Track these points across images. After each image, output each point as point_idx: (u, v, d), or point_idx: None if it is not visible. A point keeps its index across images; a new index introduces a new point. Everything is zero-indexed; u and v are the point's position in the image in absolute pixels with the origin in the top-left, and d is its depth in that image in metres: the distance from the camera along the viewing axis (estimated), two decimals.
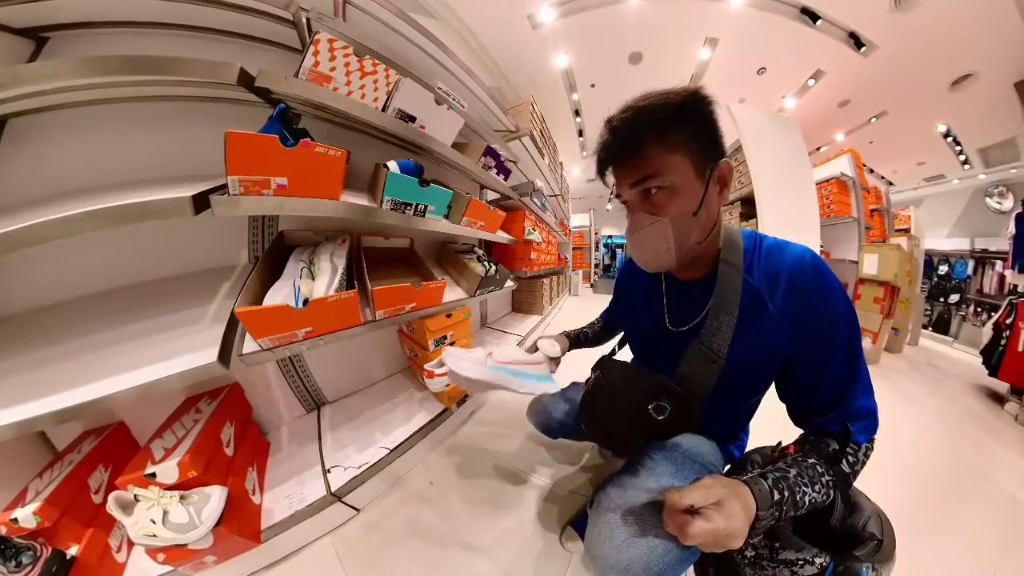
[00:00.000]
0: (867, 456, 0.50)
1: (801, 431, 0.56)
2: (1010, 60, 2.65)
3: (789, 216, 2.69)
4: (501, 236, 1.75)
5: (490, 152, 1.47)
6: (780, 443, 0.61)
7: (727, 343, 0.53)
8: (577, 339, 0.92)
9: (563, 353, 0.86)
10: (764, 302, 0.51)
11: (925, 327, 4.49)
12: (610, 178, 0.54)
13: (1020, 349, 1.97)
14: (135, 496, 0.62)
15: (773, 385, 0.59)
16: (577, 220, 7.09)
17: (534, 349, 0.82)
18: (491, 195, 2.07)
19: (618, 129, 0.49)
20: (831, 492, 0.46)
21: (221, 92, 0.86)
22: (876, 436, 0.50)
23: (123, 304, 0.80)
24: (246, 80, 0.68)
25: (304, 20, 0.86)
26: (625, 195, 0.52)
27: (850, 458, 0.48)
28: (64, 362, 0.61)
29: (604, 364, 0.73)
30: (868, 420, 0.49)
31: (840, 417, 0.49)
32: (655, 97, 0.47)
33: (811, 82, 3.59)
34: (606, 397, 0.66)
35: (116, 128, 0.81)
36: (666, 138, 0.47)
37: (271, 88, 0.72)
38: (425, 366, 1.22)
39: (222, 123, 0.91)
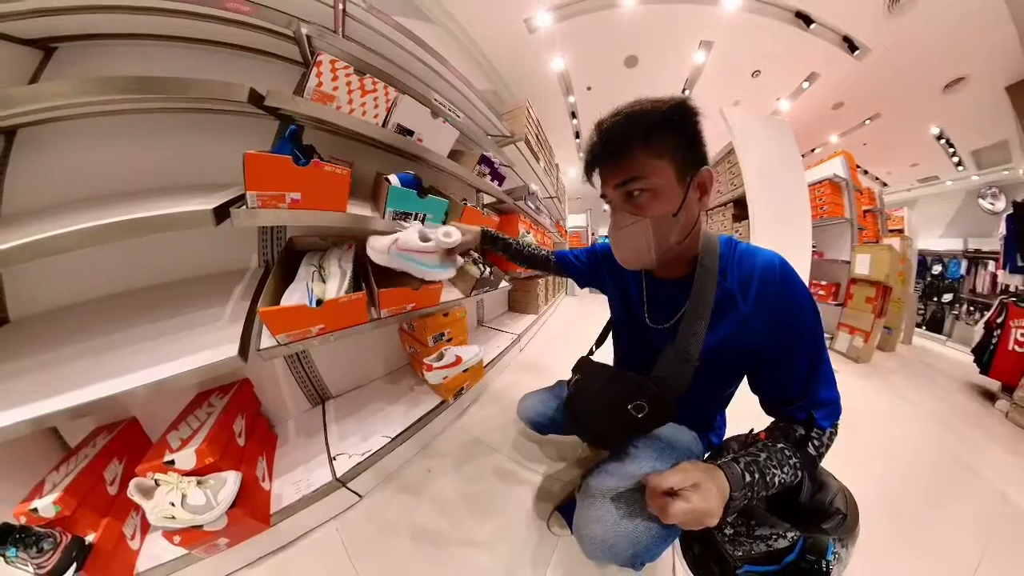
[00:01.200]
0: (831, 440, 0.54)
1: (772, 419, 0.59)
2: (1002, 64, 2.67)
3: (782, 217, 2.73)
4: None
5: (484, 160, 1.52)
6: (752, 430, 0.65)
7: (700, 344, 0.56)
8: (499, 241, 0.89)
9: (466, 247, 0.82)
10: (737, 304, 0.55)
11: (919, 326, 4.53)
12: (597, 179, 0.57)
13: (1010, 348, 2.00)
14: (155, 481, 0.67)
15: (746, 380, 0.63)
16: (574, 221, 7.11)
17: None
18: (487, 199, 2.12)
19: (607, 132, 0.52)
20: (799, 472, 0.50)
21: (230, 107, 0.90)
22: (839, 422, 0.54)
23: (140, 305, 0.85)
24: (255, 99, 0.73)
25: (304, 35, 0.90)
26: (610, 195, 0.56)
27: (815, 442, 0.52)
28: (81, 360, 0.65)
29: (585, 367, 0.76)
30: (831, 408, 0.53)
31: (806, 406, 0.53)
32: (645, 104, 0.50)
33: (805, 85, 3.62)
34: (588, 399, 0.69)
35: (126, 138, 0.84)
36: (652, 143, 0.50)
37: (280, 107, 0.77)
38: (424, 360, 1.28)
39: (229, 134, 0.97)
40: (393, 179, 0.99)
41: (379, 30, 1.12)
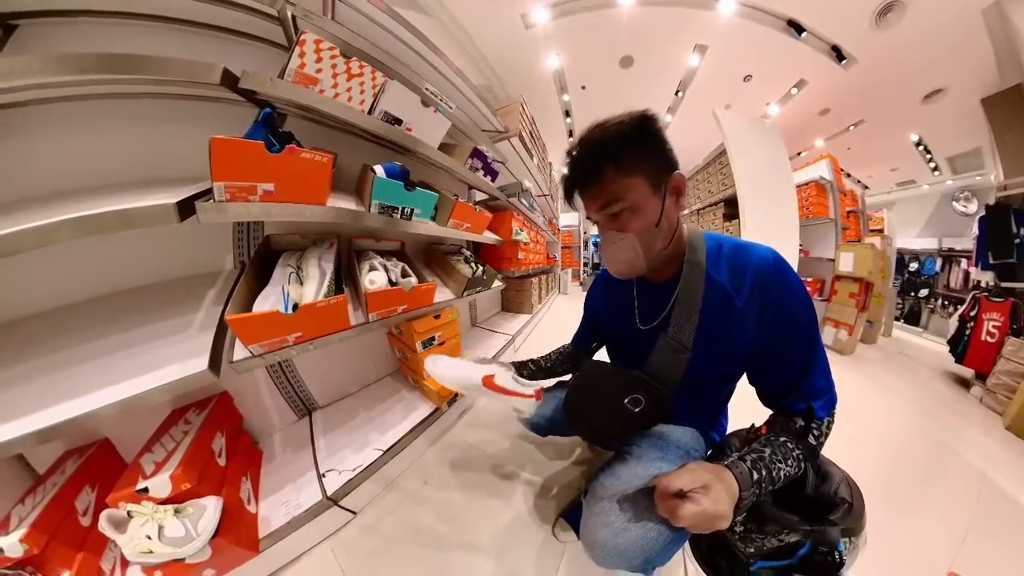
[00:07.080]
0: (829, 429, 0.55)
1: (770, 412, 0.60)
2: (978, 77, 2.79)
3: (770, 217, 2.78)
4: (488, 237, 1.76)
5: (477, 154, 1.47)
6: (753, 425, 0.66)
7: (692, 334, 0.58)
8: (524, 370, 0.88)
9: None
10: (731, 298, 0.56)
11: (897, 319, 4.75)
12: (577, 200, 0.59)
13: (983, 338, 2.12)
14: (128, 513, 0.60)
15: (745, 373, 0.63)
16: (566, 219, 7.11)
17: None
18: (479, 195, 2.07)
19: (579, 161, 0.54)
20: (802, 464, 0.52)
21: (204, 91, 0.83)
22: (835, 411, 0.55)
23: (103, 314, 0.77)
24: (229, 80, 0.66)
25: (290, 16, 0.84)
26: (594, 217, 0.58)
27: (815, 432, 0.53)
28: (42, 378, 0.58)
29: (584, 364, 0.77)
30: (827, 397, 0.54)
31: (803, 396, 0.54)
32: (609, 127, 0.52)
33: (794, 91, 3.70)
34: (586, 395, 0.70)
35: (91, 127, 0.76)
36: (622, 164, 0.51)
37: (256, 90, 0.70)
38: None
39: (204, 123, 0.89)
40: (379, 170, 0.94)
41: (370, 15, 1.06)
